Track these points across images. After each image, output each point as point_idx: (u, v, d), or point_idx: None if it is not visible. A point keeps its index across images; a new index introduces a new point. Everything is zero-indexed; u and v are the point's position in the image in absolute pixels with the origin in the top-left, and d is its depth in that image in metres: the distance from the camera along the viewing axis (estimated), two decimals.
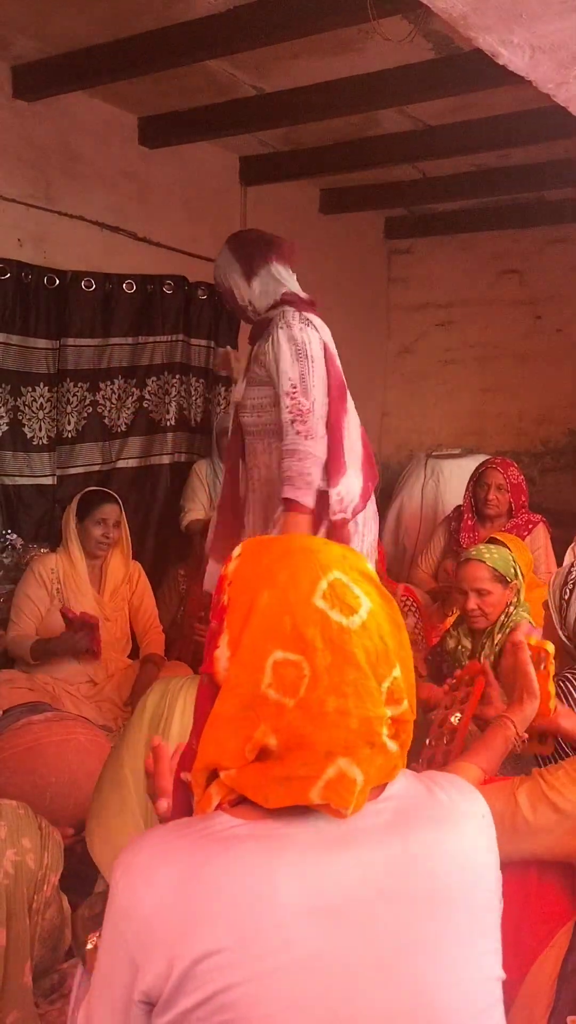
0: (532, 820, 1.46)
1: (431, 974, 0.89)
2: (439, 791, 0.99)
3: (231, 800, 0.93)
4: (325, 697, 0.88)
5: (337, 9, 2.69)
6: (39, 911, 1.50)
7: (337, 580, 0.93)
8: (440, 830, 0.95)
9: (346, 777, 0.88)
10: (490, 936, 0.95)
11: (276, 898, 0.85)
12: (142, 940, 0.85)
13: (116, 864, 0.91)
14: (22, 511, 3.69)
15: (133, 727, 1.81)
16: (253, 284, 2.55)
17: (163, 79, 3.47)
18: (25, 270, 3.57)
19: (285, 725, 0.88)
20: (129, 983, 0.86)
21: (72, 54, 3.33)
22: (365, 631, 0.92)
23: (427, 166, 4.64)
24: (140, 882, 0.87)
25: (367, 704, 0.89)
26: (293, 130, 4.12)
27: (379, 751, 0.91)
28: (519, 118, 3.71)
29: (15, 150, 3.60)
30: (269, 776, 0.89)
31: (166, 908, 0.85)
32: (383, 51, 3.10)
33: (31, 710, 2.68)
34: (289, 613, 0.91)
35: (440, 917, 0.91)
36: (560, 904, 1.48)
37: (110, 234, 3.99)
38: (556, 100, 2.27)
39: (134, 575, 3.44)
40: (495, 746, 1.58)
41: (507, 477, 3.81)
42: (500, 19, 1.84)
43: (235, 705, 0.91)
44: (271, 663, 0.90)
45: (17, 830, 1.52)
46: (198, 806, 0.94)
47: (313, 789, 0.88)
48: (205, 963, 0.83)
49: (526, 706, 1.63)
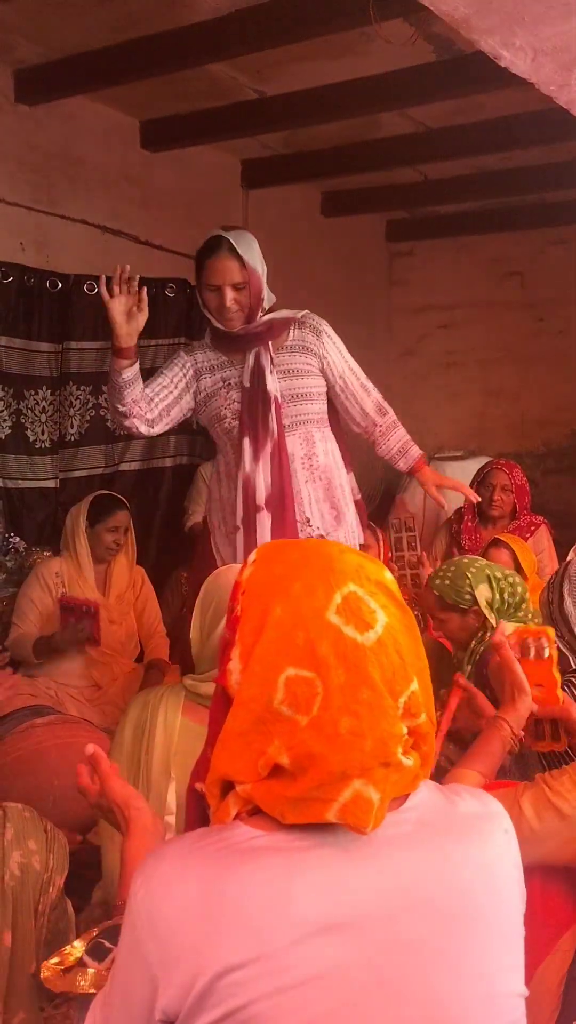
0: (537, 827, 1.44)
1: (453, 990, 0.87)
2: (461, 803, 0.97)
3: (248, 810, 0.91)
4: (339, 717, 0.86)
5: (339, 12, 2.70)
6: (44, 913, 1.49)
7: (352, 593, 0.90)
8: (463, 843, 0.93)
9: (362, 798, 0.86)
10: (513, 952, 0.93)
11: (297, 912, 0.84)
12: (163, 954, 0.84)
13: (137, 874, 0.89)
14: (24, 514, 3.69)
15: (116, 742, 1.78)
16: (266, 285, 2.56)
17: (165, 83, 3.48)
18: (28, 274, 3.58)
19: (298, 743, 0.86)
20: (149, 998, 0.85)
21: (74, 58, 3.33)
22: (381, 647, 0.89)
23: (428, 169, 4.64)
24: (161, 895, 0.86)
25: (382, 724, 0.87)
26: (294, 133, 4.12)
27: (395, 769, 0.89)
28: (520, 121, 3.72)
29: (17, 154, 3.60)
30: (284, 796, 0.87)
31: (187, 921, 0.84)
32: (385, 54, 3.11)
33: (34, 713, 2.68)
34: (302, 628, 0.88)
35: (462, 932, 0.89)
36: (564, 909, 1.47)
37: (112, 237, 4.00)
38: (558, 102, 2.27)
39: (138, 580, 3.43)
40: (492, 749, 1.55)
41: (512, 478, 3.81)
42: (502, 22, 1.84)
43: (247, 720, 0.89)
44: (283, 680, 0.87)
45: (23, 832, 1.51)
46: (215, 816, 0.93)
47: (330, 811, 0.86)
48: (226, 978, 0.81)
49: (518, 704, 1.60)
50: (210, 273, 2.43)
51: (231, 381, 2.53)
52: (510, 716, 1.59)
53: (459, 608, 2.41)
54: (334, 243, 5.31)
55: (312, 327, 2.60)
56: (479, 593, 2.39)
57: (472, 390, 5.76)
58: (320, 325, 2.61)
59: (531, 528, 3.83)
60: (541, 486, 5.24)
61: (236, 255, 2.42)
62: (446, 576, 2.46)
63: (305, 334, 2.60)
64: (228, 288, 2.43)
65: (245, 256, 2.43)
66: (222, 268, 2.42)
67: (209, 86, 3.60)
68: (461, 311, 5.77)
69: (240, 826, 0.90)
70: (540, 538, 3.84)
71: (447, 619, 2.44)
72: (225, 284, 2.42)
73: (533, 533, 3.82)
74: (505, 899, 0.94)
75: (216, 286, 2.42)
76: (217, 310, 2.46)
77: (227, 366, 2.55)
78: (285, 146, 4.38)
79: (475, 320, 5.70)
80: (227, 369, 2.54)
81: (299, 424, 2.55)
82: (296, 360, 2.57)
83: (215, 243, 2.44)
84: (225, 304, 2.44)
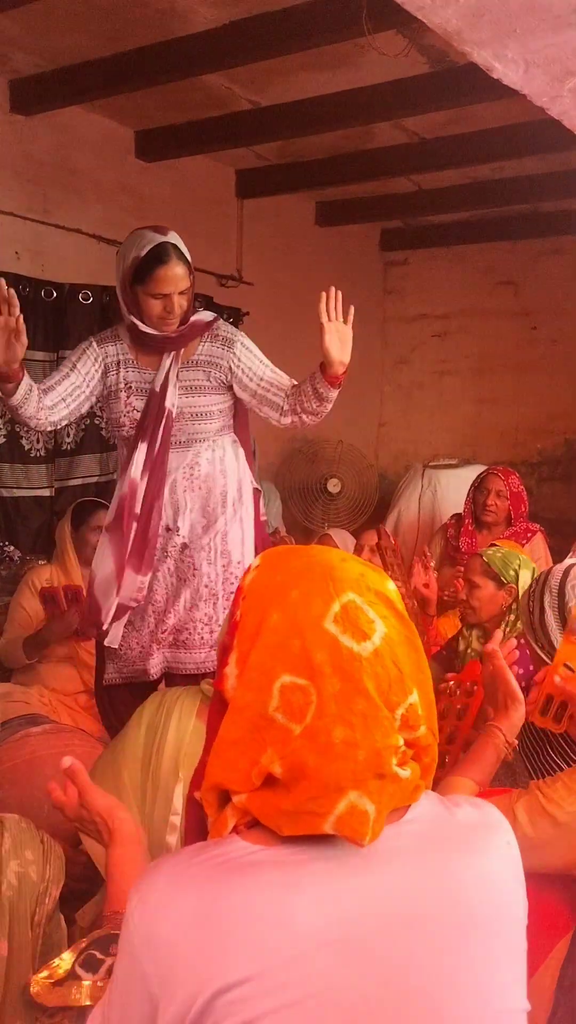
0: (532, 835, 1.44)
1: (454, 1006, 0.86)
2: (462, 814, 0.96)
3: (247, 822, 0.90)
4: (332, 727, 0.85)
5: (333, 24, 2.71)
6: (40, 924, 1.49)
7: (351, 602, 0.89)
8: (464, 855, 0.92)
9: (357, 810, 0.85)
10: (515, 966, 0.92)
11: (296, 928, 0.83)
12: (162, 973, 0.82)
13: (132, 893, 0.88)
14: (20, 523, 3.69)
15: (128, 739, 1.80)
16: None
17: (160, 93, 3.50)
18: (23, 283, 3.59)
19: (291, 752, 0.85)
20: (148, 1017, 0.84)
21: (69, 69, 3.35)
22: (377, 658, 0.88)
23: (422, 179, 4.67)
24: (158, 913, 0.84)
25: (375, 735, 0.86)
26: (289, 143, 4.14)
27: (390, 781, 0.87)
28: (513, 131, 3.74)
29: (13, 164, 3.62)
30: (279, 808, 0.86)
31: (186, 939, 0.82)
32: (378, 65, 3.13)
33: (29, 722, 2.67)
34: (299, 635, 0.87)
35: (464, 946, 0.88)
36: (558, 916, 1.47)
37: (107, 247, 4.00)
38: (550, 113, 2.29)
39: None
40: (486, 757, 1.54)
41: (508, 485, 3.82)
42: (494, 34, 1.85)
43: (242, 727, 0.88)
44: (279, 686, 0.87)
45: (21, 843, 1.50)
46: (213, 828, 0.92)
47: (326, 823, 0.85)
48: (226, 996, 0.80)
49: (512, 713, 1.59)
50: (159, 282, 2.31)
51: (133, 385, 2.45)
52: (504, 724, 1.58)
53: (499, 580, 2.60)
54: (328, 252, 5.33)
55: (223, 339, 2.50)
56: (523, 575, 2.61)
57: (466, 399, 5.78)
58: (234, 336, 2.52)
59: (527, 535, 3.84)
60: (535, 495, 5.25)
61: (184, 261, 2.34)
62: (499, 550, 2.68)
63: (215, 347, 2.49)
64: (175, 296, 2.33)
65: (188, 260, 2.36)
66: (173, 277, 2.31)
67: (204, 97, 3.61)
68: (455, 320, 5.79)
69: (237, 840, 0.89)
70: (536, 546, 3.85)
71: (483, 585, 2.62)
72: (174, 291, 2.32)
73: (529, 540, 3.83)
74: (507, 912, 0.92)
75: (165, 294, 2.32)
76: (158, 316, 2.35)
77: (131, 366, 2.45)
78: (279, 156, 4.40)
79: (469, 329, 5.73)
80: (130, 370, 2.45)
81: (193, 441, 2.48)
82: (199, 377, 2.47)
83: (163, 251, 2.31)
84: (173, 312, 2.35)
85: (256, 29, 2.89)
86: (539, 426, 5.54)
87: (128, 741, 1.80)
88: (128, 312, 2.41)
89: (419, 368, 5.93)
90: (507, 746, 1.57)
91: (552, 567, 2.00)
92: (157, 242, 2.32)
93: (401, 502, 4.87)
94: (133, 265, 2.33)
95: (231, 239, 4.72)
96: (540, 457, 5.56)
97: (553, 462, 5.53)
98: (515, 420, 5.62)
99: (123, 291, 2.40)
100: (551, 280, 5.40)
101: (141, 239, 2.34)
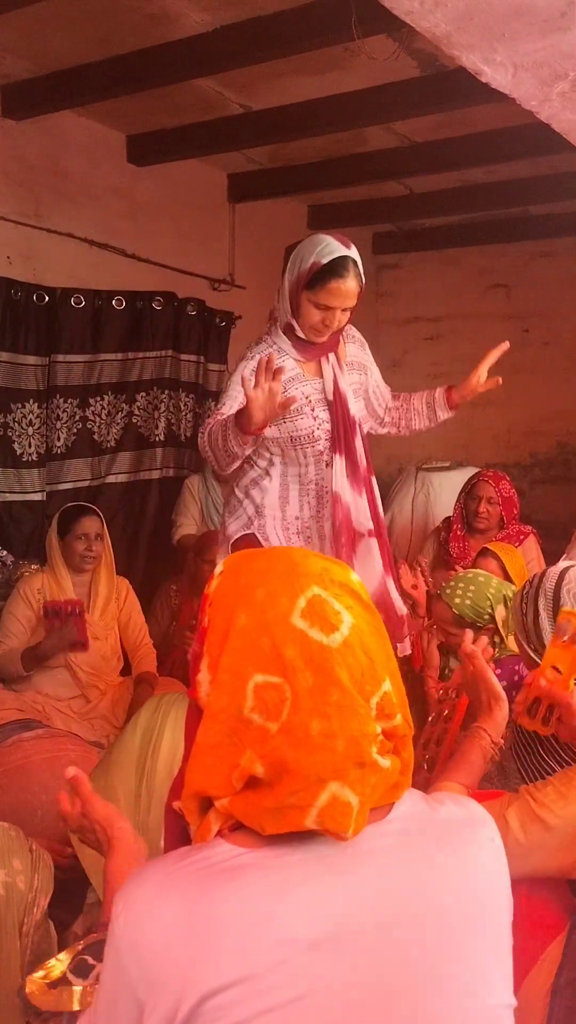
0: (523, 840, 1.43)
1: (441, 1004, 0.86)
2: (445, 812, 0.96)
3: (230, 825, 0.90)
4: (308, 720, 0.85)
5: (323, 28, 2.72)
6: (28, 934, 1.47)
7: (316, 596, 0.89)
8: (448, 853, 0.92)
9: (339, 801, 0.85)
10: (501, 962, 0.92)
11: (282, 931, 0.83)
12: (148, 978, 0.82)
13: (117, 899, 0.88)
14: (12, 527, 3.68)
15: (124, 744, 1.80)
16: None
17: (151, 97, 3.50)
18: (15, 287, 3.58)
19: (270, 750, 0.86)
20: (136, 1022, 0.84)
21: (61, 73, 3.35)
22: (348, 648, 0.88)
23: (414, 182, 4.68)
24: (143, 918, 0.84)
25: (352, 724, 0.86)
26: (280, 147, 4.15)
27: (371, 770, 0.88)
28: (504, 134, 3.75)
29: (4, 168, 3.61)
30: (262, 806, 0.86)
31: (171, 944, 0.82)
32: (369, 69, 3.14)
33: (22, 728, 2.66)
34: (267, 634, 0.88)
35: (449, 944, 0.88)
36: (550, 918, 1.47)
37: (99, 251, 4.01)
38: (539, 117, 2.30)
39: (122, 591, 3.40)
40: (473, 759, 1.54)
41: (499, 491, 3.82)
42: (483, 38, 1.86)
43: (219, 731, 0.88)
44: (252, 686, 0.87)
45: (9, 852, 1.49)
46: (197, 834, 0.91)
47: (308, 817, 0.85)
48: (213, 1000, 0.80)
49: (496, 713, 1.59)
50: (330, 295, 2.27)
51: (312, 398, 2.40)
52: (488, 725, 1.59)
53: (475, 626, 2.48)
54: None
55: (359, 340, 2.55)
56: (497, 613, 2.50)
57: None
58: (360, 336, 2.58)
59: (519, 538, 3.84)
60: (528, 496, 5.26)
61: (359, 278, 2.31)
62: (466, 595, 2.53)
63: (358, 349, 2.52)
64: (339, 311, 2.31)
65: (363, 279, 2.33)
66: (346, 292, 2.28)
67: (195, 101, 3.62)
68: (447, 323, 5.80)
69: (222, 843, 0.88)
70: (529, 548, 3.85)
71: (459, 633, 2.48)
72: (340, 307, 2.30)
73: (521, 543, 3.83)
74: (492, 908, 0.93)
75: (330, 307, 2.29)
76: (314, 326, 2.32)
77: (305, 380, 2.41)
78: (271, 160, 4.41)
79: (461, 332, 5.73)
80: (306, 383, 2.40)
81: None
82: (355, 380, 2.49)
83: (342, 266, 2.27)
84: (331, 326, 2.33)
85: (247, 33, 2.90)
86: (532, 428, 5.55)
87: (123, 746, 1.79)
88: (290, 313, 2.35)
89: (412, 371, 5.93)
90: (493, 746, 1.57)
91: (547, 569, 1.99)
92: (341, 254, 2.28)
93: (394, 505, 4.87)
94: (311, 270, 2.28)
95: (223, 242, 4.72)
96: (532, 459, 5.57)
97: (546, 464, 5.54)
98: (507, 422, 5.63)
99: (292, 293, 2.34)
100: (542, 283, 5.41)
101: (325, 246, 2.30)
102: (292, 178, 4.49)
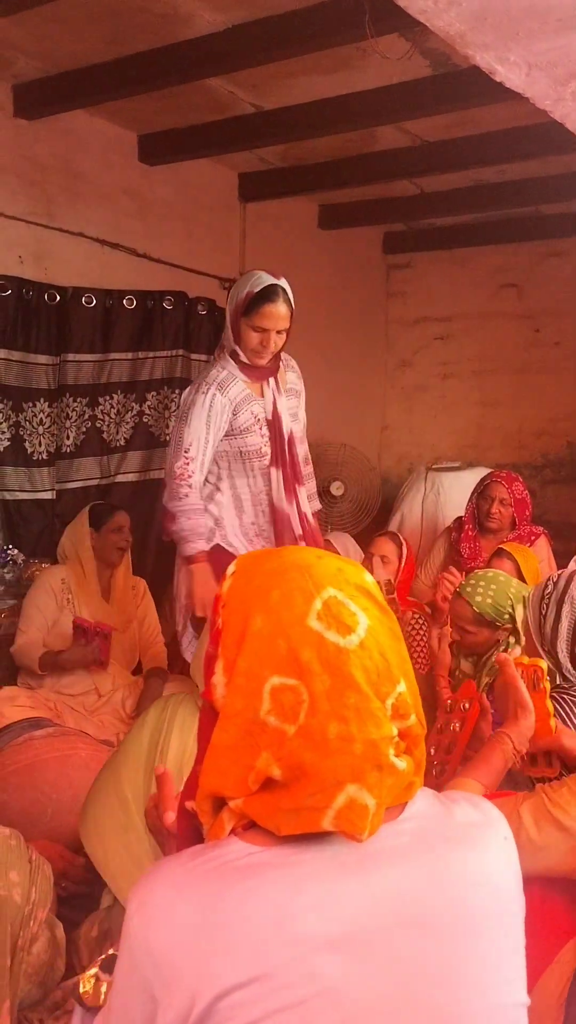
0: (537, 838, 1.44)
1: (454, 1003, 0.86)
2: (459, 811, 0.96)
3: (244, 824, 0.90)
4: (326, 723, 0.85)
5: (335, 27, 2.72)
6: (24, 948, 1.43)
7: (332, 598, 0.89)
8: (461, 852, 0.92)
9: (357, 803, 0.85)
10: (515, 961, 0.92)
11: (296, 929, 0.82)
12: (162, 976, 0.82)
13: (131, 897, 0.88)
14: (22, 526, 3.69)
15: (132, 743, 1.80)
16: None
17: (163, 97, 3.50)
18: (26, 287, 3.59)
19: (287, 753, 0.85)
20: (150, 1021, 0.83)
21: (72, 73, 3.36)
22: (364, 650, 0.88)
23: (425, 181, 4.67)
24: (158, 916, 0.84)
25: (370, 726, 0.86)
26: (292, 147, 4.14)
27: (388, 772, 0.88)
28: (516, 134, 3.74)
29: (16, 168, 3.62)
30: (278, 807, 0.86)
31: (186, 943, 0.82)
32: (381, 68, 3.13)
33: (33, 726, 2.67)
34: (283, 636, 0.87)
35: (463, 943, 0.88)
36: (564, 920, 1.47)
37: (110, 250, 4.01)
38: (553, 116, 2.29)
39: (139, 590, 3.45)
40: (493, 762, 1.54)
41: (511, 492, 3.81)
42: (497, 37, 1.85)
43: (234, 733, 0.88)
44: (268, 689, 0.87)
45: (5, 863, 1.44)
46: (210, 834, 0.91)
47: (324, 819, 0.85)
48: (227, 999, 0.80)
49: (521, 721, 1.60)
50: (263, 318, 2.63)
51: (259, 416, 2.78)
52: (512, 732, 1.59)
53: (494, 625, 2.51)
54: (331, 255, 5.33)
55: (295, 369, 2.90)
56: (517, 613, 2.50)
57: (469, 401, 5.78)
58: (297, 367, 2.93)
59: (531, 539, 3.83)
60: (539, 497, 5.24)
61: (289, 304, 2.66)
62: (487, 594, 2.54)
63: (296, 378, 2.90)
64: (273, 333, 2.66)
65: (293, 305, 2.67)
66: (276, 315, 2.64)
67: (207, 100, 3.62)
68: (458, 322, 5.79)
69: (236, 842, 0.88)
70: (540, 548, 3.84)
71: (478, 632, 2.55)
72: (273, 329, 2.65)
73: (532, 543, 3.82)
74: (505, 907, 0.93)
75: (265, 329, 2.65)
76: (254, 348, 2.68)
77: (253, 400, 2.77)
78: (282, 159, 4.40)
79: (472, 331, 5.72)
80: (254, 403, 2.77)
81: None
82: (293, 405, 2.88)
83: (272, 292, 2.63)
84: (268, 347, 2.68)
85: (258, 33, 2.90)
86: (542, 428, 5.53)
87: (132, 746, 1.79)
88: (234, 341, 2.72)
89: (422, 371, 5.92)
90: (515, 754, 1.57)
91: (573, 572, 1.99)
92: (271, 282, 2.65)
93: (404, 505, 4.86)
94: (247, 299, 2.65)
95: (234, 242, 4.72)
96: (543, 460, 5.55)
97: (557, 464, 5.52)
98: (518, 423, 5.61)
99: (233, 322, 2.71)
100: (554, 283, 5.39)
101: (258, 278, 2.67)
102: (303, 178, 4.49)
